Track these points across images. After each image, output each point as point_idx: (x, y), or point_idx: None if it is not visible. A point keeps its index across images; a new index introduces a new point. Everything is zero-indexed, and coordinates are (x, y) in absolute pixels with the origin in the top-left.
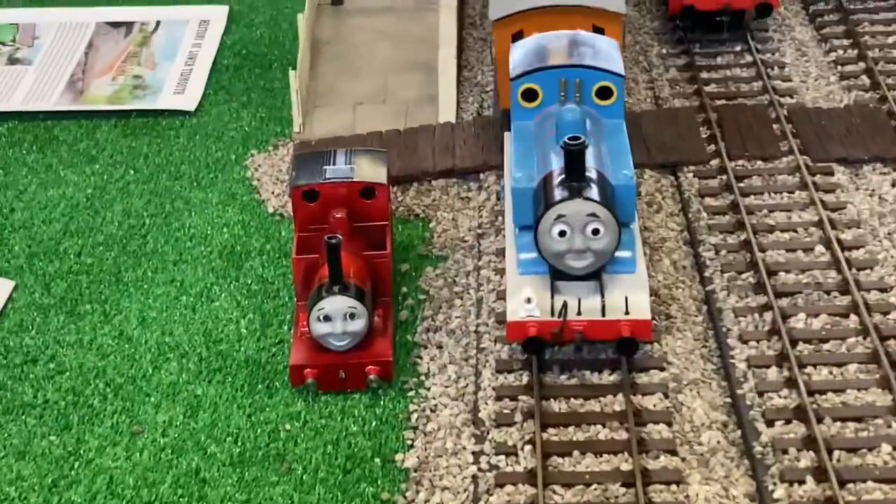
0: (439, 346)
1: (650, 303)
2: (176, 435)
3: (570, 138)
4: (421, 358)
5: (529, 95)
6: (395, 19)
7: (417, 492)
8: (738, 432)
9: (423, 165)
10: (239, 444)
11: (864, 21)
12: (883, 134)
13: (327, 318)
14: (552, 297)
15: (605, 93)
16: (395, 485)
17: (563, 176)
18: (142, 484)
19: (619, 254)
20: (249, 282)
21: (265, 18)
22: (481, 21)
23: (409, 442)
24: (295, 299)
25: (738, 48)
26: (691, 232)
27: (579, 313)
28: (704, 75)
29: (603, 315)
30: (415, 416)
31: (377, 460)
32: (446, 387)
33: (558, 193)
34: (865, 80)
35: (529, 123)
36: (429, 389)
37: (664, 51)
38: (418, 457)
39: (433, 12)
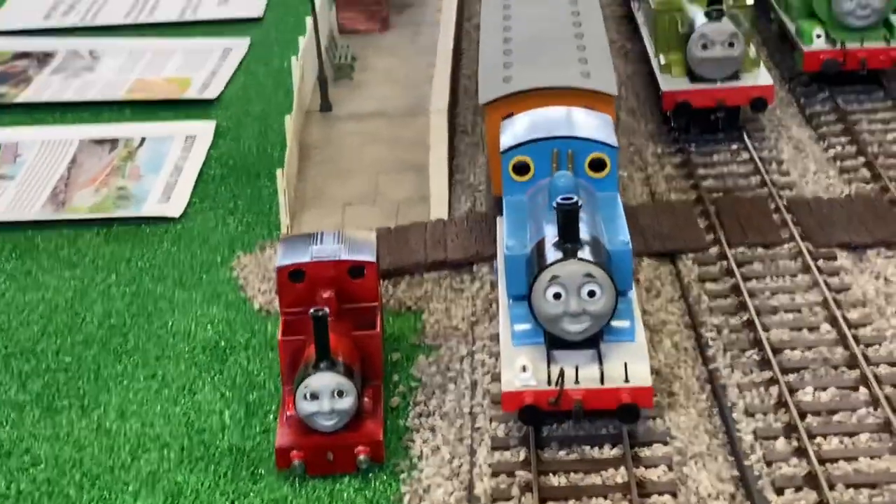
0: (432, 430)
1: (650, 371)
2: None
3: (563, 198)
4: (413, 441)
5: (521, 169)
6: (386, 124)
7: None
8: (747, 503)
9: (414, 258)
10: None
11: (862, 119)
12: (886, 220)
13: (314, 396)
14: (548, 366)
15: (598, 165)
16: None
17: (556, 239)
18: None
19: (616, 323)
20: (234, 374)
21: (253, 132)
22: (472, 129)
23: None
24: (281, 385)
25: (734, 146)
26: (692, 315)
27: (577, 382)
28: (701, 171)
29: (602, 383)
30: (407, 496)
31: None
32: (440, 467)
33: (552, 255)
34: (866, 172)
35: (522, 198)
36: (422, 471)
37: (659, 150)
38: None
39: (424, 117)
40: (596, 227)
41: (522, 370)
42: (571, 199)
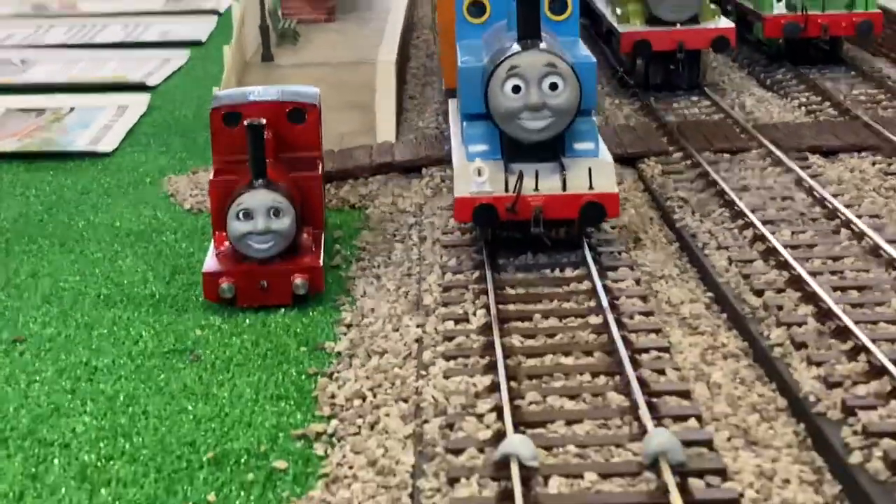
0: (377, 277)
1: (616, 183)
2: (65, 340)
3: None
4: (356, 285)
5: (476, 8)
6: (331, 71)
7: (350, 363)
8: (723, 309)
9: (359, 162)
10: (139, 344)
11: (827, 82)
12: (855, 129)
13: (248, 216)
14: (506, 173)
15: (560, 5)
16: (325, 364)
17: (515, 38)
18: (29, 379)
19: (579, 145)
20: (160, 249)
21: (190, 108)
22: (422, 90)
23: (343, 332)
24: (212, 234)
25: (694, 98)
26: (655, 197)
27: (537, 189)
28: (661, 112)
29: (564, 190)
30: (348, 316)
31: (303, 349)
32: (385, 293)
33: (512, 49)
34: (833, 111)
35: (477, 42)
36: (364, 298)
37: (617, 101)
38: (351, 339)
39: (370, 65)
40: (558, 47)
41: (477, 174)
42: None
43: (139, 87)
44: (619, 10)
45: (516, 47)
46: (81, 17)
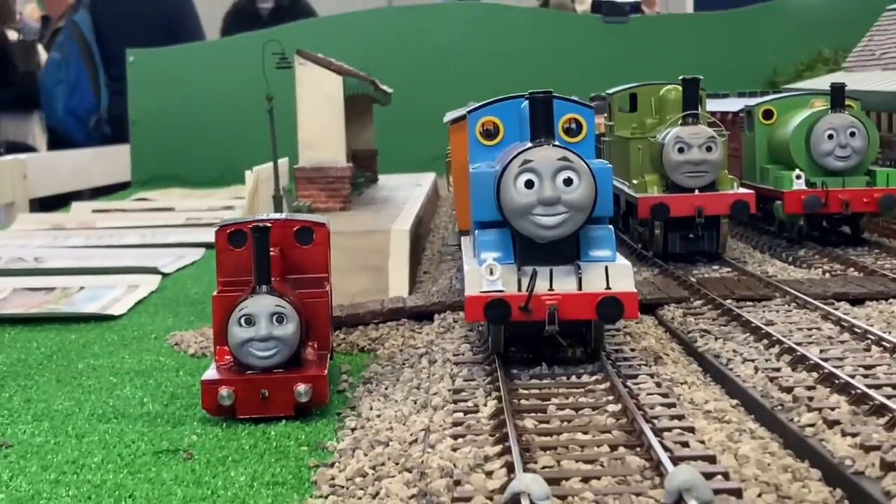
0: (384, 396)
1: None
2: (54, 445)
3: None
4: (362, 402)
5: (489, 132)
6: (344, 238)
7: (353, 454)
8: (749, 409)
9: (370, 308)
10: (132, 447)
11: (851, 255)
12: (884, 282)
13: (249, 321)
14: (519, 274)
15: (573, 128)
16: (326, 458)
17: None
18: (12, 474)
19: (596, 252)
20: (161, 383)
21: (202, 284)
22: (440, 258)
23: (346, 434)
24: (214, 347)
25: (714, 266)
26: (676, 334)
27: (551, 288)
28: (680, 274)
29: (580, 289)
30: (353, 422)
31: (303, 448)
32: (393, 403)
33: (525, 146)
34: (859, 275)
35: (491, 161)
36: (371, 410)
37: (635, 269)
38: (355, 437)
39: (383, 233)
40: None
41: (489, 273)
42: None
43: (151, 271)
44: (636, 181)
45: (529, 144)
46: (98, 230)
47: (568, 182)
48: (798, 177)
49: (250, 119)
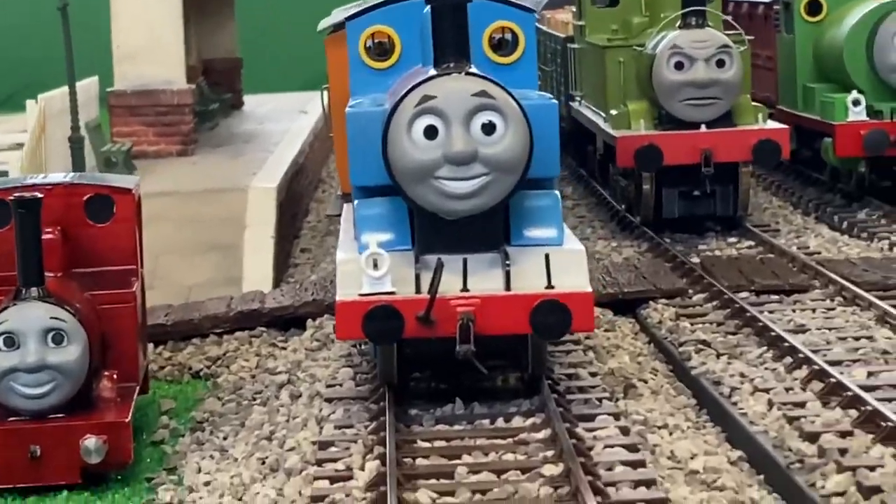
0: (221, 449)
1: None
2: None
3: None
4: (185, 461)
5: (380, 49)
6: (178, 202)
7: None
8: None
9: (210, 311)
10: None
11: None
12: None
13: (10, 342)
14: (417, 266)
15: (505, 42)
16: None
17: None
18: None
19: (533, 231)
20: None
21: None
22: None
23: None
24: None
25: (731, 238)
26: (662, 347)
27: (465, 288)
28: (678, 254)
29: (507, 289)
30: (168, 495)
31: None
32: (231, 463)
33: (425, 74)
34: None
35: (382, 95)
36: (198, 474)
37: (614, 244)
38: None
39: (239, 193)
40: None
41: (372, 266)
42: None
43: None
44: (615, 112)
45: (432, 71)
46: None
47: (489, 129)
48: (856, 102)
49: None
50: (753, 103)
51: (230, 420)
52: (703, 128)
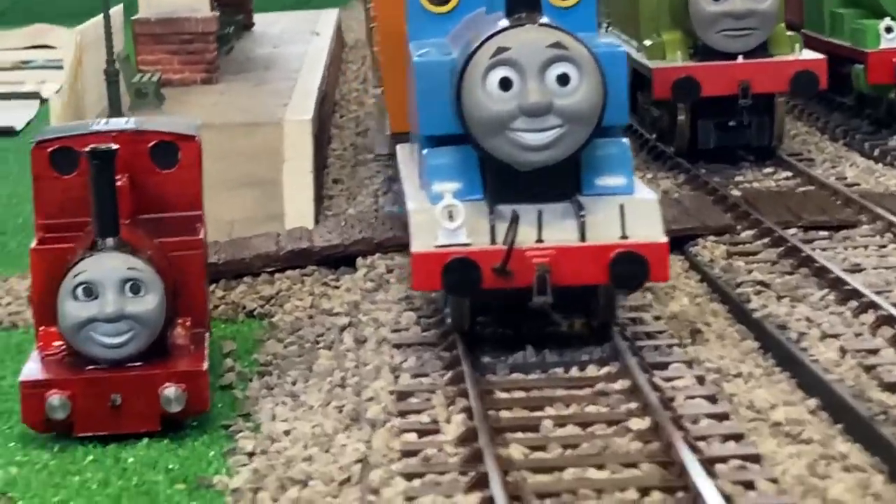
0: (292, 395)
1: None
2: None
3: None
4: (259, 407)
5: None
6: (213, 135)
7: (254, 499)
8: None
9: (260, 251)
10: None
11: None
12: None
13: (90, 293)
14: (491, 217)
15: None
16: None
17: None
18: None
19: (604, 179)
20: None
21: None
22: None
23: (241, 462)
24: (34, 327)
25: (767, 169)
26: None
27: (540, 239)
28: (717, 186)
29: (582, 240)
30: (249, 444)
31: (178, 487)
32: (307, 411)
33: (497, 26)
34: None
35: (442, 40)
36: (274, 422)
37: (650, 175)
38: (256, 470)
39: (274, 127)
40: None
41: (448, 217)
42: None
43: None
44: (648, 42)
45: (504, 23)
46: None
47: (563, 80)
48: (889, 29)
49: None
50: (788, 32)
51: (295, 364)
52: (741, 58)
